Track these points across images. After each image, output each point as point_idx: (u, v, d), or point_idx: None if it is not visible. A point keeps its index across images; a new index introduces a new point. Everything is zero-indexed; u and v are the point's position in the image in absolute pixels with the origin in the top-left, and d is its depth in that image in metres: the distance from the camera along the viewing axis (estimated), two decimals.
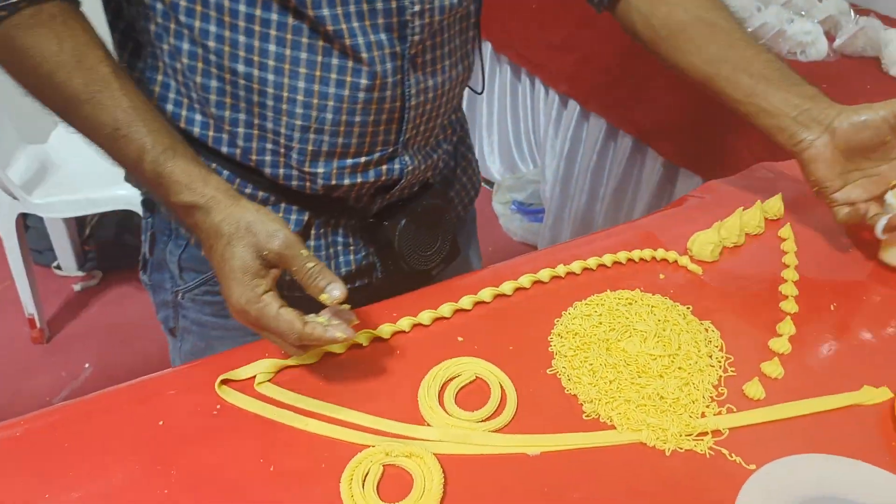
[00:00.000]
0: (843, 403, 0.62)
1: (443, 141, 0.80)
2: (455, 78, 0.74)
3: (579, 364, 0.63)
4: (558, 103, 2.00)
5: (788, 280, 0.75)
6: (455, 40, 0.72)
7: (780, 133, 0.76)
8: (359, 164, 0.70)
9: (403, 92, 0.67)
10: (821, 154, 0.74)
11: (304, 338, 0.55)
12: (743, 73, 0.77)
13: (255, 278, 0.56)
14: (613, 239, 0.81)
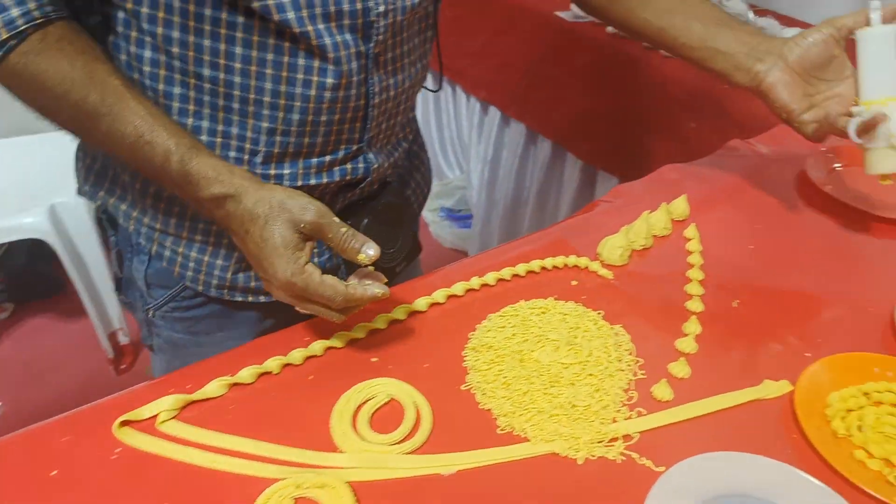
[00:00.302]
0: (745, 399, 0.64)
1: (402, 139, 0.82)
2: (414, 76, 0.75)
3: (493, 378, 0.63)
4: (479, 109, 2.02)
5: (693, 280, 0.77)
6: (414, 39, 0.73)
7: (737, 71, 0.80)
8: (324, 163, 0.71)
9: (367, 90, 0.69)
10: (779, 80, 0.77)
11: (348, 299, 0.59)
12: (694, 21, 0.81)
13: (295, 252, 0.58)
14: (528, 247, 0.82)
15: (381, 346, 0.67)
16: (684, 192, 0.91)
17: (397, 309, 0.70)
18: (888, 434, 0.59)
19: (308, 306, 0.60)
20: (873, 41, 0.74)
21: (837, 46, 0.76)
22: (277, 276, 0.58)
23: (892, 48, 0.74)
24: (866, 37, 0.74)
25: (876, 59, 0.74)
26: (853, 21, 0.75)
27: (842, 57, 0.76)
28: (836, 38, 0.75)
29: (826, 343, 0.69)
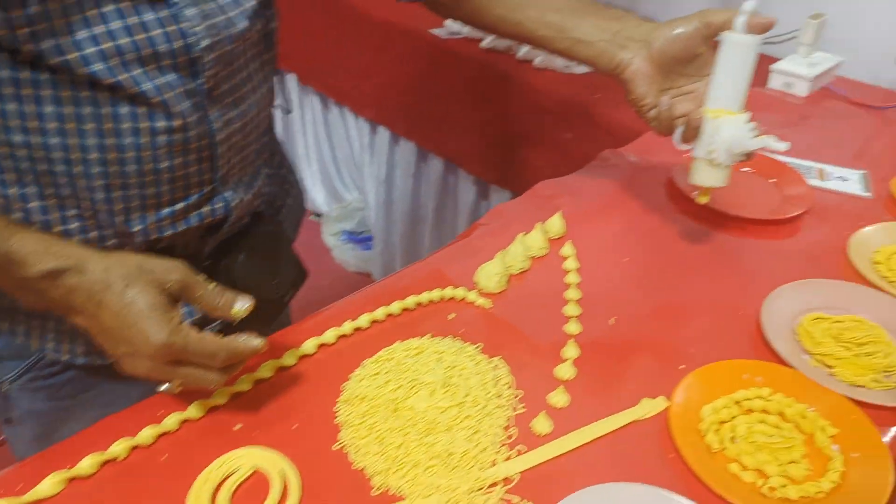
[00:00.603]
0: (624, 421, 0.63)
1: (262, 167, 0.77)
2: (260, 102, 0.71)
3: (366, 433, 0.60)
4: (369, 129, 1.99)
5: (571, 300, 0.77)
6: (252, 64, 0.69)
7: (600, 59, 0.77)
8: (176, 211, 0.66)
9: (208, 128, 0.64)
10: (639, 71, 0.75)
11: (232, 353, 0.56)
12: (549, 11, 0.79)
13: (167, 312, 0.54)
14: (404, 282, 0.79)
15: (245, 410, 0.62)
16: (560, 208, 0.90)
17: (262, 367, 0.66)
18: (759, 443, 0.60)
19: (184, 371, 0.56)
20: (730, 48, 0.71)
21: (704, 43, 0.74)
22: (150, 341, 0.53)
23: (745, 61, 0.71)
24: (725, 42, 0.71)
25: (727, 67, 0.71)
26: (724, 20, 0.72)
27: (706, 55, 0.74)
28: (703, 34, 0.73)
29: (699, 353, 0.70)
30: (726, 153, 0.72)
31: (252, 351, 0.58)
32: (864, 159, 1.05)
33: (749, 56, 0.71)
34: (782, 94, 1.27)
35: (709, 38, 0.73)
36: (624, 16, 0.78)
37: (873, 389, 0.66)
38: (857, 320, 0.73)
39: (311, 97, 2.18)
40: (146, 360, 0.54)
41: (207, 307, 0.57)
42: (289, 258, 0.79)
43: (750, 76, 0.72)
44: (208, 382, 0.57)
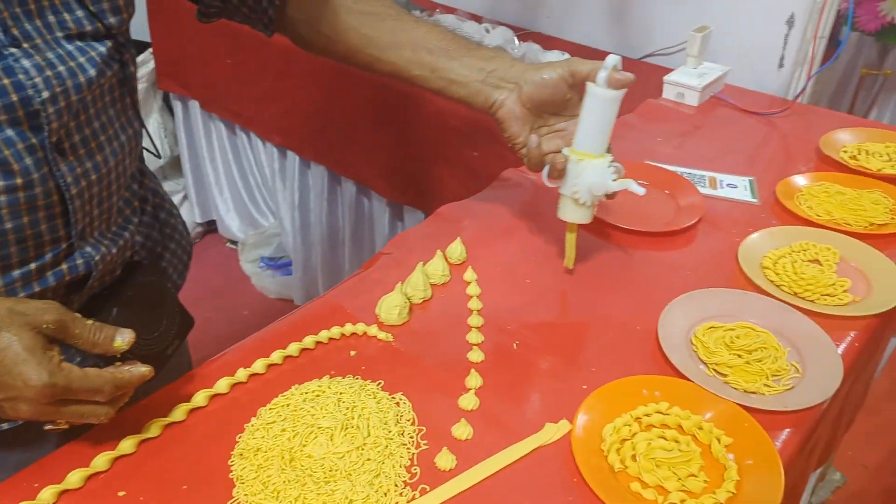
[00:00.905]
0: (529, 448, 0.63)
1: (131, 216, 0.73)
2: (120, 150, 0.67)
3: (261, 487, 0.57)
4: (278, 154, 1.95)
5: (473, 327, 0.76)
6: (108, 110, 0.65)
7: (474, 99, 0.79)
8: (30, 272, 0.61)
9: (57, 184, 0.60)
10: (511, 111, 0.77)
11: (118, 384, 0.55)
12: (422, 52, 0.79)
13: (46, 352, 0.52)
14: (304, 320, 0.77)
15: (129, 475, 0.59)
16: (462, 232, 0.90)
17: (149, 425, 0.62)
18: (659, 459, 0.61)
19: (70, 410, 0.54)
20: (593, 100, 0.73)
21: (571, 90, 0.75)
22: (30, 384, 0.51)
23: (607, 112, 0.73)
24: (588, 93, 0.73)
25: (590, 116, 0.73)
26: (588, 70, 0.74)
27: (574, 99, 0.76)
28: (568, 82, 0.75)
29: (601, 372, 0.71)
30: (588, 194, 0.75)
31: (139, 378, 0.57)
32: (753, 166, 1.10)
33: (610, 108, 0.73)
34: (675, 104, 1.31)
35: (574, 86, 0.75)
36: (496, 56, 0.79)
37: (767, 395, 0.68)
38: (747, 327, 0.75)
39: (217, 123, 2.12)
40: (28, 404, 0.52)
41: (86, 345, 0.55)
42: (172, 307, 0.74)
43: (611, 124, 0.74)
44: (97, 418, 0.56)
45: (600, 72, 0.72)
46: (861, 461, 1.71)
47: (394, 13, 0.81)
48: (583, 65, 0.74)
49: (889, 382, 1.93)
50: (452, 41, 0.80)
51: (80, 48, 0.60)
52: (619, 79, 0.71)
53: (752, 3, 1.40)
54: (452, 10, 1.75)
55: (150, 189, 0.80)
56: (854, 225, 0.92)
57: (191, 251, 0.88)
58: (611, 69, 0.71)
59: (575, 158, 0.74)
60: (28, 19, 0.56)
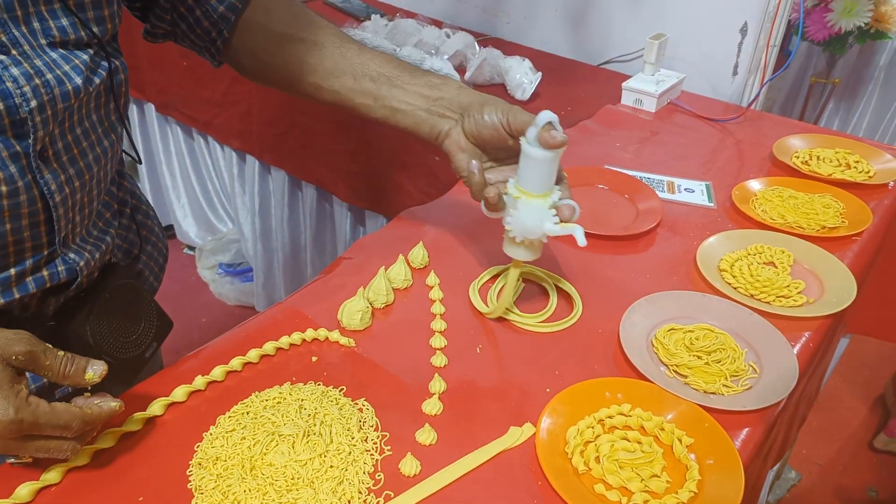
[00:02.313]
0: (493, 452, 0.62)
1: (111, 220, 0.72)
2: (103, 155, 0.66)
3: (220, 498, 0.56)
4: (237, 159, 1.92)
5: (436, 332, 0.76)
6: (91, 116, 0.64)
7: (420, 127, 0.76)
8: (9, 278, 0.60)
9: (41, 191, 0.59)
10: (456, 143, 0.74)
11: (87, 420, 0.55)
12: (364, 80, 0.76)
13: (13, 385, 0.51)
14: (264, 326, 0.75)
15: (82, 488, 0.57)
16: (424, 236, 0.90)
17: (102, 436, 0.60)
18: (622, 461, 0.61)
19: (36, 445, 0.54)
20: (525, 155, 0.67)
21: (510, 138, 0.71)
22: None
23: (541, 167, 0.66)
24: (522, 146, 0.67)
25: (526, 165, 0.67)
26: (523, 122, 0.68)
27: (516, 147, 0.69)
28: (507, 130, 0.71)
29: (564, 375, 0.71)
30: (521, 234, 0.69)
31: (109, 413, 0.56)
32: (709, 171, 1.12)
33: (543, 165, 0.66)
34: (634, 110, 1.33)
35: (512, 135, 0.70)
36: (443, 83, 0.76)
37: (726, 395, 0.69)
38: (706, 328, 0.76)
39: (173, 127, 2.08)
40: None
41: (57, 377, 0.54)
42: (149, 309, 0.73)
43: (552, 172, 0.67)
44: (63, 452, 0.55)
45: (530, 128, 0.66)
46: (814, 459, 1.76)
47: (336, 41, 0.79)
48: (521, 115, 0.70)
49: (839, 381, 2.00)
50: (396, 68, 0.77)
51: (63, 56, 0.59)
52: (548, 140, 0.65)
53: (706, 12, 1.43)
54: (413, 15, 1.75)
55: (128, 191, 0.79)
56: (807, 228, 0.94)
57: (167, 253, 0.87)
58: (541, 127, 0.65)
59: (513, 194, 0.68)
60: (15, 25, 0.55)
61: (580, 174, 1.06)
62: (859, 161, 1.11)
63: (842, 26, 1.87)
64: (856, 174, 1.08)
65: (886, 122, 2.32)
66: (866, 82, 2.31)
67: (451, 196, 1.02)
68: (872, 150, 1.14)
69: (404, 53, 1.40)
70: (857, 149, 1.14)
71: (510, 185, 0.69)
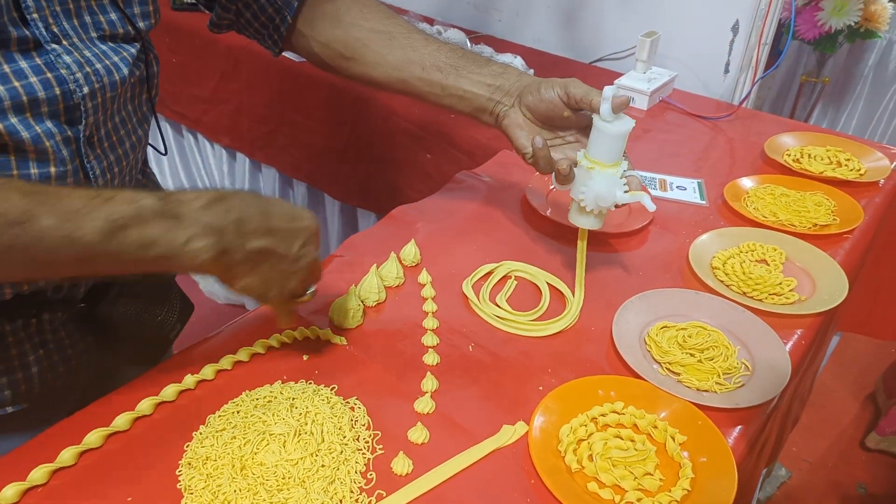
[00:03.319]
0: (486, 451, 0.62)
1: None
2: (138, 143, 0.70)
3: (210, 498, 0.55)
4: (227, 156, 1.90)
5: (428, 330, 0.75)
6: (127, 106, 0.67)
7: (482, 114, 0.80)
8: None
9: (87, 174, 0.63)
10: (514, 122, 0.77)
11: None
12: (432, 69, 0.80)
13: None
14: (254, 324, 0.75)
15: (69, 488, 0.56)
16: (416, 234, 0.89)
17: (89, 435, 0.59)
18: (615, 459, 0.61)
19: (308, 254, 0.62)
20: (602, 127, 0.69)
21: (567, 109, 0.74)
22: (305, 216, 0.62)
23: (614, 139, 0.70)
24: (596, 122, 0.70)
25: (599, 138, 0.70)
26: (582, 94, 0.72)
27: (573, 119, 0.75)
28: (564, 102, 0.74)
29: (557, 373, 0.71)
30: (593, 203, 0.72)
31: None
32: (701, 168, 1.12)
33: (614, 138, 0.70)
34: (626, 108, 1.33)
35: (570, 106, 0.74)
36: (504, 72, 0.79)
37: (719, 393, 0.69)
38: (699, 326, 0.76)
39: (162, 124, 2.06)
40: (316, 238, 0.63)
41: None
42: (172, 291, 0.76)
43: (620, 146, 0.71)
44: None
45: (602, 103, 0.68)
46: (804, 456, 1.77)
47: (405, 31, 0.82)
48: (578, 87, 0.73)
49: (829, 378, 2.01)
50: (462, 58, 0.80)
51: (112, 48, 0.62)
52: (618, 102, 0.68)
53: (698, 10, 1.43)
54: (405, 12, 1.75)
55: (150, 177, 0.82)
56: (798, 226, 0.94)
57: None
58: (610, 98, 0.68)
59: (585, 165, 0.72)
60: (67, 18, 0.58)
61: None
62: (850, 159, 1.11)
63: (832, 25, 1.88)
64: (847, 172, 1.08)
65: (875, 121, 2.33)
66: (856, 81, 2.32)
67: (444, 193, 1.01)
68: (863, 147, 1.14)
69: None
70: (848, 147, 1.14)
71: (581, 157, 0.72)
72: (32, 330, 0.65)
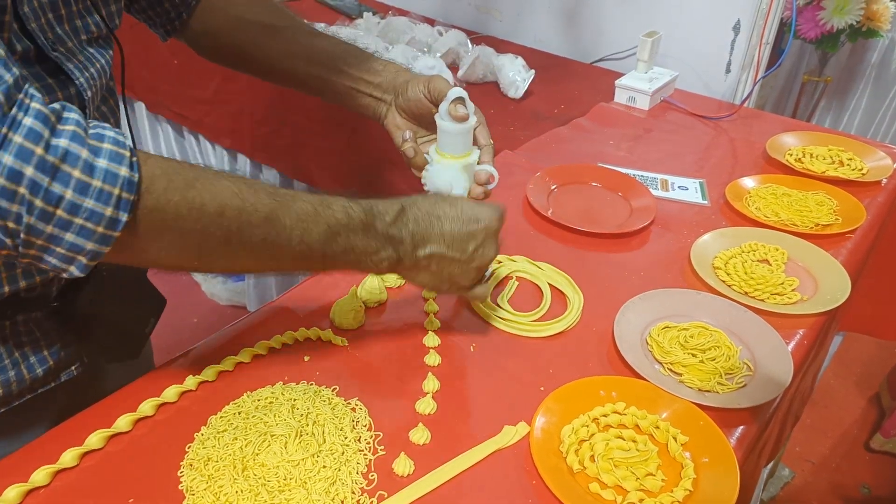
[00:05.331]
0: (487, 452, 0.62)
1: None
2: None
3: (212, 499, 0.55)
4: (228, 157, 1.90)
5: (429, 330, 0.75)
6: (101, 108, 0.67)
7: (366, 111, 0.82)
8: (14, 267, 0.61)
9: None
10: (393, 122, 0.80)
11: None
12: (315, 64, 0.81)
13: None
14: (254, 326, 0.75)
15: (71, 490, 0.56)
16: None
17: (91, 437, 0.59)
18: (617, 459, 0.61)
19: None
20: (439, 123, 0.72)
21: (435, 106, 0.75)
22: (496, 215, 0.66)
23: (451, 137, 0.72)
24: (436, 116, 0.72)
25: (440, 132, 0.73)
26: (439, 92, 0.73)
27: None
28: (430, 98, 0.75)
29: (558, 373, 0.70)
30: (435, 191, 0.73)
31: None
32: (702, 168, 1.12)
33: (452, 135, 0.71)
34: (627, 107, 1.33)
35: (434, 103, 0.75)
36: (383, 69, 0.80)
37: (721, 393, 0.69)
38: (701, 326, 0.76)
39: (163, 125, 2.07)
40: (496, 237, 0.66)
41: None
42: (144, 287, 0.75)
43: (462, 142, 0.72)
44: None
45: (442, 103, 0.71)
46: (808, 457, 1.76)
47: (291, 26, 0.83)
48: (440, 83, 0.74)
49: (833, 378, 2.00)
50: (344, 52, 0.82)
51: (98, 51, 0.63)
52: (456, 115, 0.70)
53: (699, 10, 1.43)
54: (405, 13, 1.75)
55: None
56: (800, 225, 0.94)
57: None
58: (451, 100, 0.70)
59: (434, 157, 0.73)
60: (59, 24, 0.58)
61: (573, 172, 1.06)
62: (852, 158, 1.11)
63: (834, 24, 1.87)
64: (849, 171, 1.08)
65: (878, 120, 2.33)
66: (858, 80, 2.32)
67: None
68: (865, 147, 1.14)
69: (396, 52, 1.39)
70: (850, 146, 1.14)
71: (431, 149, 0.74)
72: (7, 332, 0.64)
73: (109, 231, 0.48)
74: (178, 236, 0.52)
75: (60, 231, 0.46)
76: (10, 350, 0.64)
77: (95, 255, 0.49)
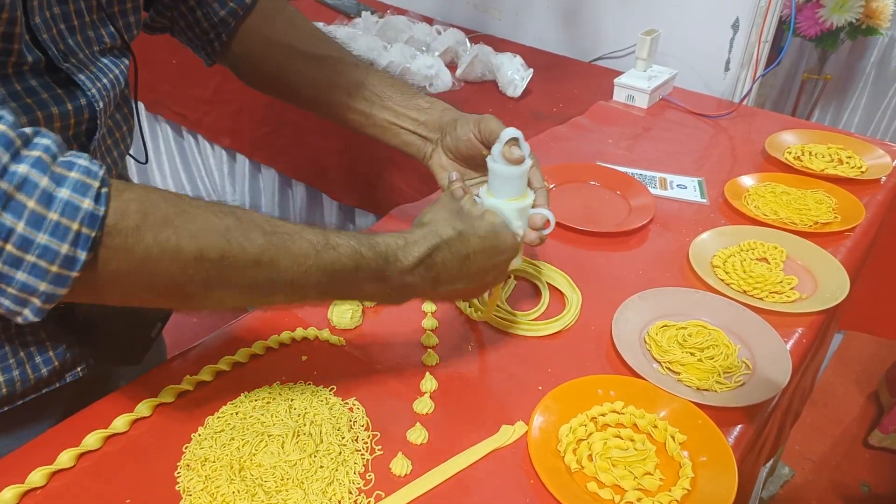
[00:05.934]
0: (485, 451, 0.62)
1: None
2: (124, 151, 0.72)
3: (209, 499, 0.55)
4: (227, 157, 1.90)
5: (427, 330, 0.75)
6: (115, 116, 0.68)
7: (409, 148, 0.79)
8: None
9: None
10: (438, 163, 0.77)
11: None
12: (358, 98, 0.78)
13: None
14: (252, 325, 0.75)
15: (67, 490, 0.56)
16: None
17: (87, 438, 0.59)
18: (615, 458, 0.61)
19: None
20: (491, 165, 0.67)
21: (485, 146, 0.72)
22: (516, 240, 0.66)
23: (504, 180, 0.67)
24: (488, 159, 0.68)
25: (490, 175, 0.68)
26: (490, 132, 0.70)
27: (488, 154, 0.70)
28: (480, 139, 0.72)
29: (556, 372, 0.70)
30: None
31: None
32: (701, 167, 1.12)
33: (506, 179, 0.67)
34: (626, 106, 1.33)
35: (484, 143, 0.72)
36: (430, 107, 0.77)
37: (719, 392, 0.69)
38: (699, 325, 0.76)
39: (163, 126, 2.07)
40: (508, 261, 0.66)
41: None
42: None
43: (516, 184, 0.67)
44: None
45: (495, 145, 0.67)
46: (808, 455, 1.76)
47: (335, 56, 0.80)
48: (491, 123, 0.71)
49: (832, 377, 2.00)
50: (390, 88, 0.78)
51: (112, 62, 0.63)
52: (511, 157, 0.66)
53: (698, 8, 1.43)
54: (404, 12, 1.74)
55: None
56: (799, 224, 0.94)
57: None
58: (505, 141, 0.66)
59: (485, 200, 0.68)
60: (71, 35, 0.58)
61: (572, 170, 1.06)
62: (851, 156, 1.10)
63: (833, 22, 1.87)
64: (848, 170, 1.07)
65: (878, 118, 2.33)
66: (858, 78, 2.32)
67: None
68: (864, 145, 1.14)
69: (395, 51, 1.39)
70: (849, 144, 1.14)
71: (481, 191, 0.69)
72: (12, 331, 0.63)
73: (65, 271, 0.43)
74: (148, 278, 0.48)
75: (10, 269, 0.42)
76: (16, 349, 0.64)
77: (50, 297, 0.44)
